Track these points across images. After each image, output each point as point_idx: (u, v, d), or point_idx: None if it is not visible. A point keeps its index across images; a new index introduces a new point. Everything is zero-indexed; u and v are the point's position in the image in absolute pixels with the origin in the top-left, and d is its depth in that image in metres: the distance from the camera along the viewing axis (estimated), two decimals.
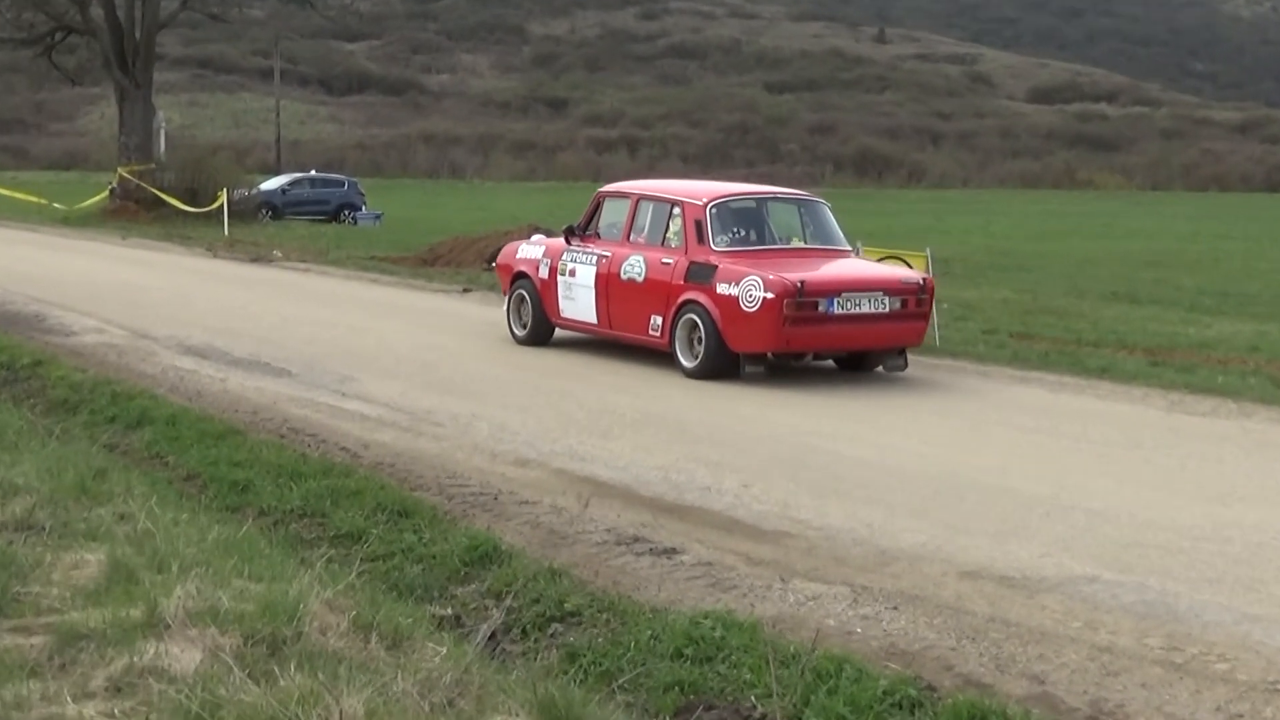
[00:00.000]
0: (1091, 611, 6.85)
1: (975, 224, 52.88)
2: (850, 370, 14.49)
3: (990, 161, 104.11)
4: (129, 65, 41.20)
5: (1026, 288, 25.08)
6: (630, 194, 15.41)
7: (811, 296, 13.46)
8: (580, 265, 15.35)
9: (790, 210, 15.35)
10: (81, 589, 5.78)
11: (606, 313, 15.05)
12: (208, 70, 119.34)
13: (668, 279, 14.28)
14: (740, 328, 13.61)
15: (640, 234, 14.92)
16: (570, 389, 12.96)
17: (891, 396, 13.00)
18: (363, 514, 8.47)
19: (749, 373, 13.66)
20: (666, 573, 7.50)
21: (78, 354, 14.86)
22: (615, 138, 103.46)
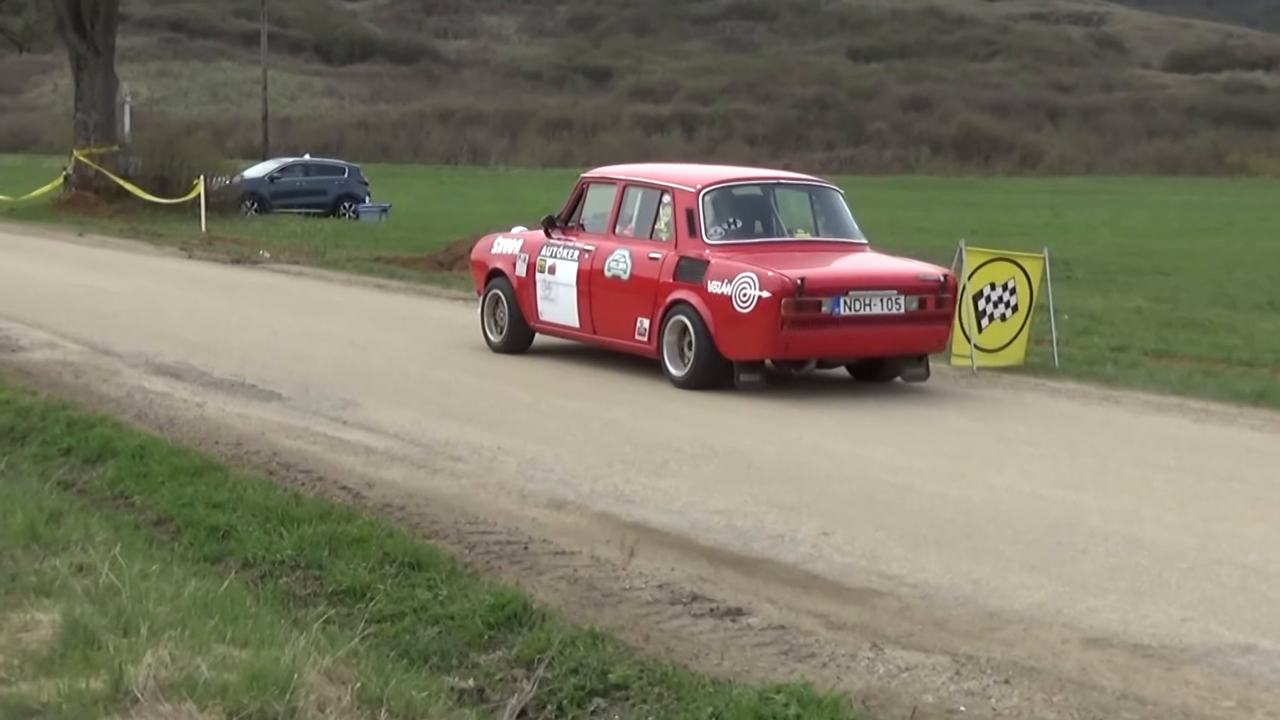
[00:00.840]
0: (1246, 688, 6.81)
1: (1102, 218, 52.73)
2: (865, 380, 14.95)
3: (1120, 143, 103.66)
4: (87, 28, 41.51)
5: (1164, 295, 24.99)
6: (616, 180, 15.94)
7: (814, 296, 13.85)
8: (561, 261, 15.86)
9: (798, 199, 15.76)
10: (32, 655, 5.82)
11: (589, 315, 15.54)
12: (181, 34, 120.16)
13: (655, 276, 14.75)
14: (734, 331, 14.02)
15: (628, 225, 15.42)
16: (615, 417, 12.99)
17: (1001, 427, 12.98)
18: (367, 566, 8.50)
19: (744, 383, 14.08)
20: (730, 638, 7.50)
21: (26, 373, 14.97)
22: (668, 115, 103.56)
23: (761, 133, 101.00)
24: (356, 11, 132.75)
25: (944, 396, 14.46)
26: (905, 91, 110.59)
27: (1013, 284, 16.21)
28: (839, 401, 13.93)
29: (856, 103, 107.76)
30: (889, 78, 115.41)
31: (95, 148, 41.16)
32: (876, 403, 13.94)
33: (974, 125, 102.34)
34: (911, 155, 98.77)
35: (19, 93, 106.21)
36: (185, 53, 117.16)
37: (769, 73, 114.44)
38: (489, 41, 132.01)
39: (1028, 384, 15.24)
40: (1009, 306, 16.15)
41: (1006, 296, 16.14)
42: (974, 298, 15.93)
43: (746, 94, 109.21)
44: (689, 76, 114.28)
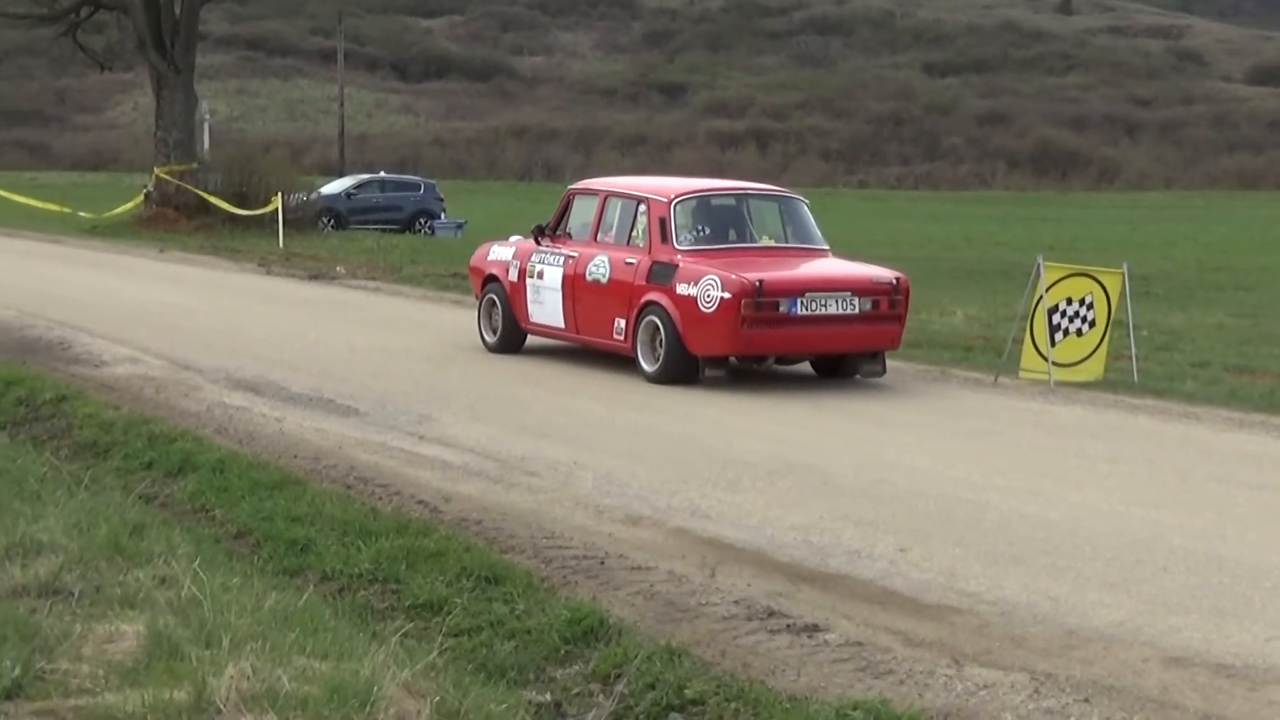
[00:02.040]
0: None
1: (1182, 233, 52.38)
2: (827, 376, 16.03)
3: (1200, 157, 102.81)
4: (167, 46, 41.82)
5: (1247, 311, 24.79)
6: (599, 191, 17.25)
7: (771, 297, 15.02)
8: (548, 267, 17.08)
9: (768, 208, 16.95)
10: (117, 666, 5.88)
11: (573, 316, 16.73)
12: (259, 52, 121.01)
13: (631, 279, 15.92)
14: (699, 330, 15.19)
15: (608, 233, 16.62)
16: (688, 431, 13.01)
17: (1080, 444, 12.91)
18: (444, 580, 8.55)
19: (709, 377, 15.32)
20: (807, 654, 7.50)
21: (109, 388, 15.13)
22: (742, 131, 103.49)
23: (836, 148, 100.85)
24: (432, 29, 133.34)
25: (1022, 413, 14.40)
26: (981, 106, 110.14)
27: (1090, 299, 16.12)
28: (917, 419, 13.90)
29: (932, 118, 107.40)
30: (965, 92, 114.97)
31: (175, 165, 41.44)
32: (955, 419, 13.91)
33: (1051, 140, 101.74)
34: (987, 170, 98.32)
35: (100, 111, 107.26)
36: (263, 71, 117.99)
37: (844, 88, 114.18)
38: (564, 58, 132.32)
39: (1107, 400, 15.15)
40: (1086, 322, 16.06)
41: (1084, 312, 16.05)
42: (1048, 312, 15.85)
43: (821, 109, 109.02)
44: (764, 92, 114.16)
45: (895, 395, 15.24)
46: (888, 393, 15.37)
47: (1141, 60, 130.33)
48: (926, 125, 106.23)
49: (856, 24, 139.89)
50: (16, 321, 19.94)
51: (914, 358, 17.69)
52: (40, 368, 16.20)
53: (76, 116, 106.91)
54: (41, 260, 31.01)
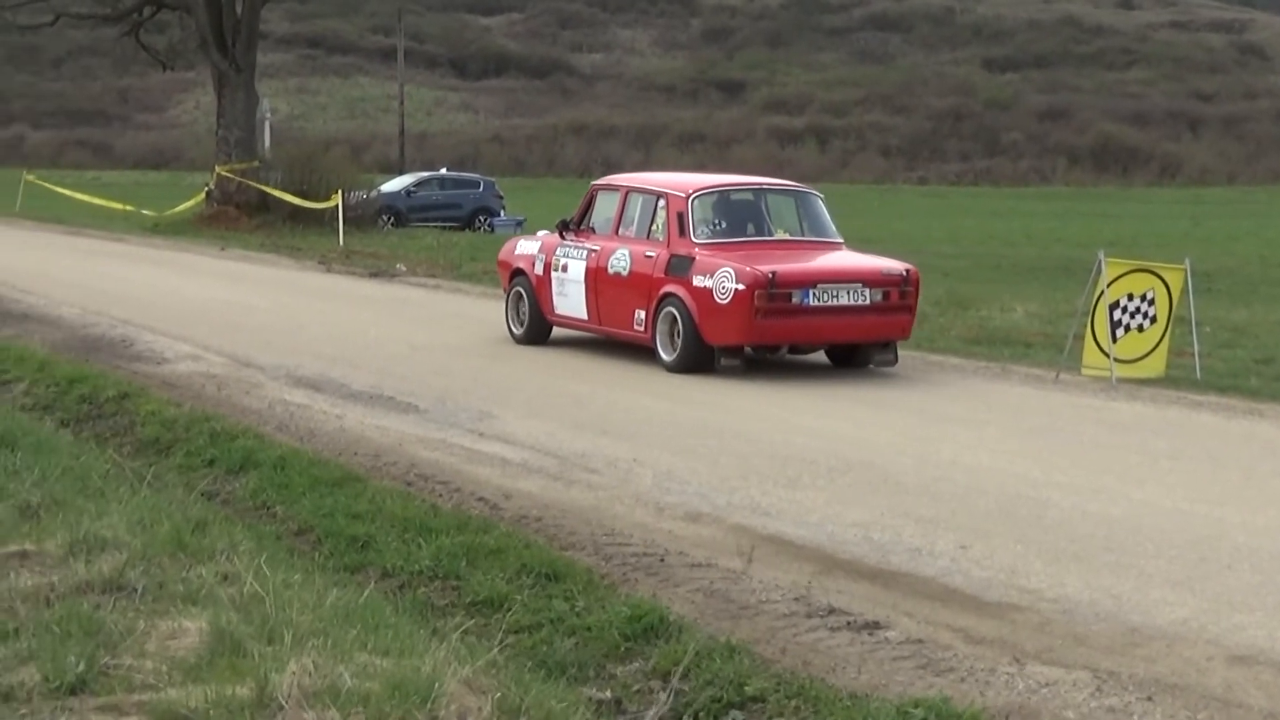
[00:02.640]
0: None
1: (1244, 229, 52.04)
2: (840, 365, 16.51)
3: (1263, 152, 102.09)
4: (228, 46, 42.06)
5: None
6: (620, 186, 17.92)
7: (784, 288, 15.50)
8: (572, 260, 17.65)
9: (784, 202, 17.49)
10: (180, 662, 5.91)
11: (596, 308, 17.32)
12: (319, 51, 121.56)
13: (650, 272, 16.47)
14: (715, 320, 15.70)
15: (629, 227, 17.19)
16: (748, 428, 12.99)
17: (1142, 441, 12.85)
18: (504, 577, 8.57)
19: (724, 366, 15.79)
20: (868, 651, 7.48)
21: (171, 385, 15.22)
22: (802, 127, 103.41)
23: (896, 144, 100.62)
24: (491, 27, 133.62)
25: (1084, 410, 14.33)
26: (1042, 102, 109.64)
27: (1152, 295, 16.03)
28: (978, 416, 13.86)
29: (992, 113, 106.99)
30: (1025, 88, 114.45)
31: (236, 164, 41.66)
32: (1015, 416, 13.86)
33: (1112, 135, 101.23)
34: (1048, 166, 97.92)
35: (162, 110, 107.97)
36: (324, 69, 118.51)
37: (903, 84, 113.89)
38: (623, 55, 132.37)
39: (1169, 397, 15.07)
40: (1147, 318, 15.98)
41: (1145, 307, 15.97)
42: (1110, 308, 15.77)
43: (881, 106, 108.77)
44: (823, 89, 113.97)
45: (956, 392, 15.20)
46: (948, 389, 15.32)
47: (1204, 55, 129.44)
48: (986, 121, 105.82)
49: (916, 20, 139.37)
50: (80, 319, 20.08)
51: (974, 354, 17.65)
52: (103, 365, 16.32)
53: (139, 116, 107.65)
54: (104, 258, 31.23)
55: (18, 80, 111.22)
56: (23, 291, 23.22)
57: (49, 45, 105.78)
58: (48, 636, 6.13)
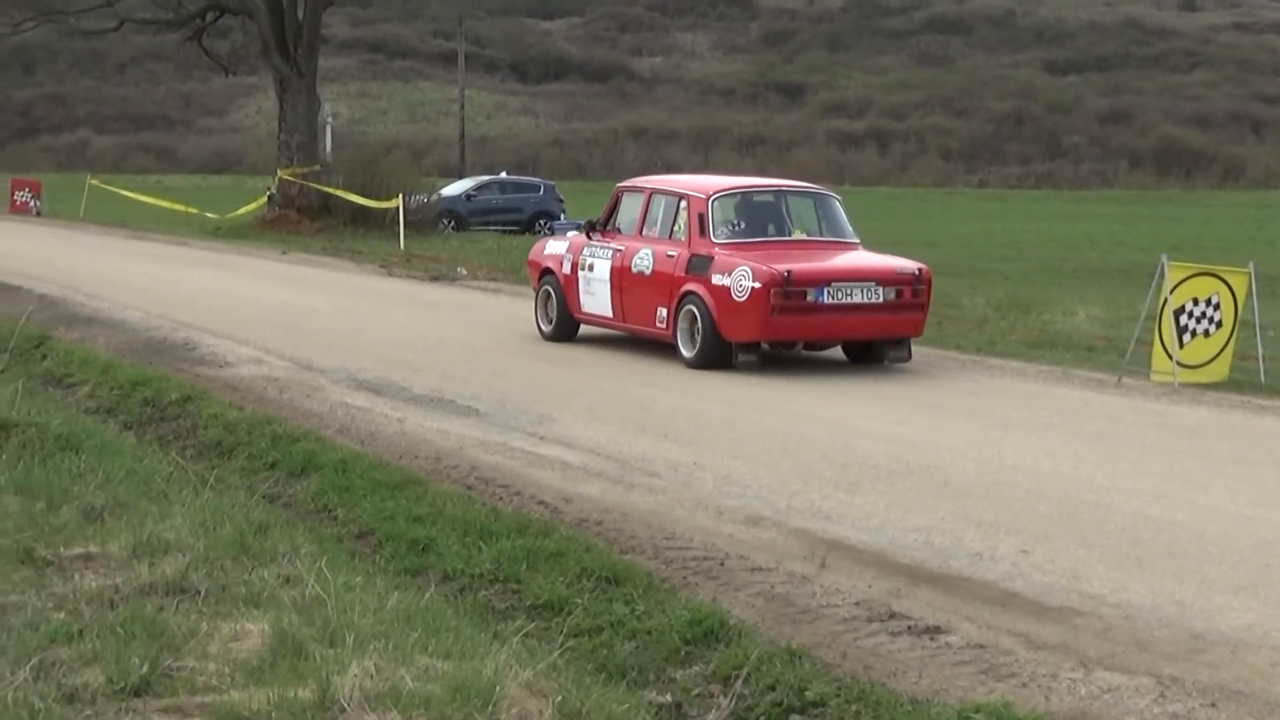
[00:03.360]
0: None
1: None
2: (857, 361, 16.96)
3: None
4: (290, 50, 42.27)
5: None
6: (644, 188, 18.39)
7: (799, 286, 16.00)
8: (598, 260, 18.18)
9: (803, 204, 17.99)
10: (243, 664, 5.94)
11: (620, 306, 17.83)
12: (380, 55, 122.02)
13: (672, 271, 16.98)
14: (732, 317, 16.21)
15: (652, 228, 17.71)
16: (809, 433, 12.97)
17: (1206, 445, 12.77)
18: (565, 580, 8.59)
19: (742, 362, 16.27)
20: (929, 656, 7.46)
21: (233, 388, 15.30)
22: (861, 131, 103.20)
23: (956, 148, 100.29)
24: (552, 31, 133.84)
25: (1146, 414, 14.26)
26: (1103, 104, 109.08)
27: (1216, 299, 15.94)
28: (1039, 420, 13.80)
29: (1053, 116, 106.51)
30: (1087, 91, 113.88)
31: (298, 167, 41.87)
32: (1077, 420, 13.79)
33: (1174, 138, 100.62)
34: (1110, 169, 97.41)
35: (224, 115, 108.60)
36: (384, 73, 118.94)
37: (964, 87, 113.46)
38: (682, 59, 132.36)
39: (1232, 401, 14.96)
40: (1213, 322, 15.89)
41: (1210, 312, 15.87)
42: (1175, 313, 15.69)
43: (941, 109, 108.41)
44: (883, 92, 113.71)
45: (1017, 396, 15.14)
46: (1009, 394, 15.27)
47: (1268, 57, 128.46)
48: (1047, 124, 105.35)
49: (977, 22, 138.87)
50: (143, 322, 20.21)
51: (1035, 358, 17.58)
52: (166, 368, 16.42)
53: (201, 120, 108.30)
54: (167, 262, 31.41)
55: (82, 85, 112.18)
56: (88, 295, 23.38)
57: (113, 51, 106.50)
58: (112, 638, 6.17)
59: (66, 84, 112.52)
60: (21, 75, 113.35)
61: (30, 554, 7.49)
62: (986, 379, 16.22)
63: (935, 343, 18.70)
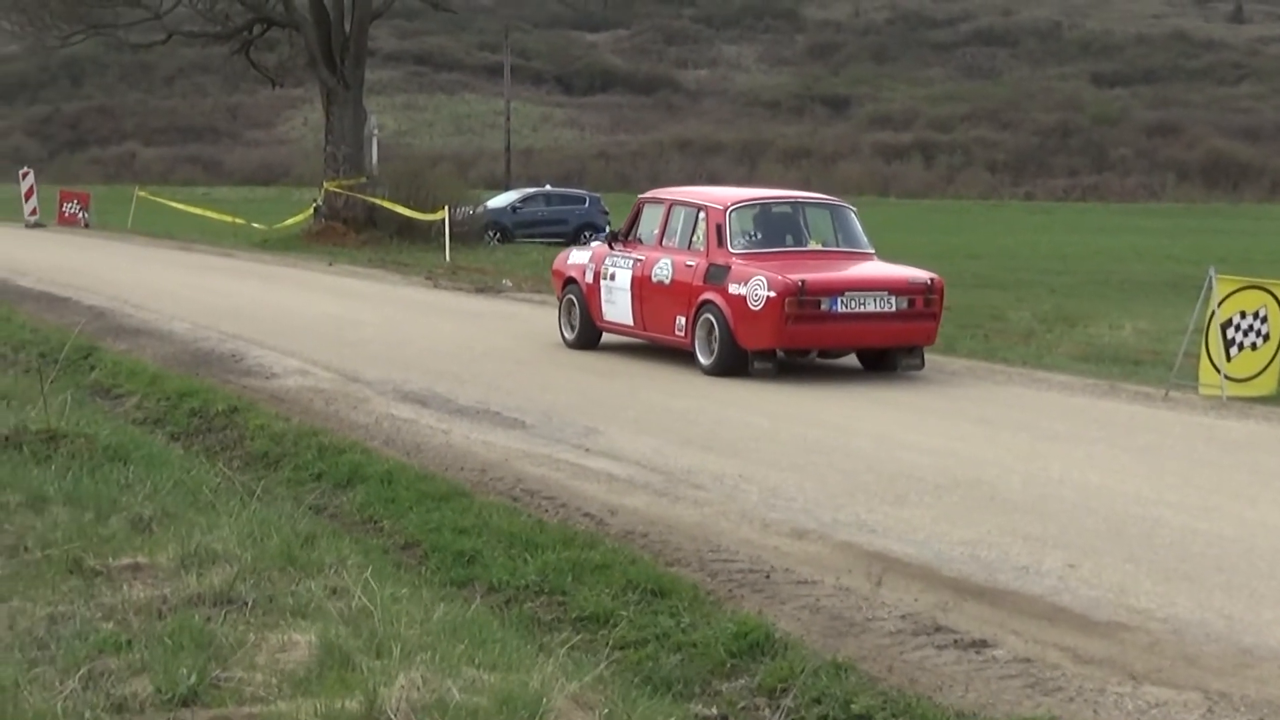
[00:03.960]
0: None
1: None
2: (872, 369, 17.29)
3: None
4: (337, 63, 42.45)
5: None
6: (664, 200, 18.80)
7: (814, 295, 16.36)
8: (619, 269, 18.57)
9: (820, 215, 18.29)
10: (290, 675, 5.97)
11: (641, 315, 18.21)
12: (426, 67, 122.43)
13: (690, 280, 17.37)
14: (748, 326, 16.57)
15: (672, 238, 18.08)
16: (855, 445, 12.95)
17: (1254, 460, 12.71)
18: (610, 593, 8.59)
19: (758, 369, 16.56)
20: (975, 670, 7.44)
21: (279, 399, 15.35)
22: (907, 143, 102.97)
23: (1002, 160, 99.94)
24: (598, 43, 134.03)
25: (1194, 428, 14.19)
26: (1151, 117, 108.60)
27: (1264, 312, 15.86)
28: (1086, 433, 13.75)
29: (1100, 129, 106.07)
30: (1134, 103, 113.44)
31: (344, 179, 42.01)
32: (1124, 434, 13.74)
33: (1222, 151, 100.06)
34: (1157, 182, 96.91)
35: (271, 127, 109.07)
36: (430, 86, 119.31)
37: (1010, 99, 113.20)
38: (728, 71, 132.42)
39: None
40: (1260, 335, 15.81)
41: (1257, 325, 15.80)
42: (1222, 326, 15.62)
43: (987, 121, 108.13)
44: (929, 104, 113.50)
45: (1063, 409, 15.09)
46: (1056, 407, 15.22)
47: None
48: (1094, 136, 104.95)
49: (1023, 35, 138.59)
50: (190, 334, 20.30)
51: (1082, 371, 17.53)
52: (213, 379, 16.48)
53: (248, 132, 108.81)
54: (214, 274, 31.55)
55: (130, 98, 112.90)
56: (135, 306, 23.51)
57: (161, 63, 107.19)
58: (160, 648, 6.20)
59: (115, 96, 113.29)
60: (70, 88, 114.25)
61: (79, 564, 7.54)
62: (1033, 392, 16.17)
63: (981, 355, 18.68)
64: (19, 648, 6.29)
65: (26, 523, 8.33)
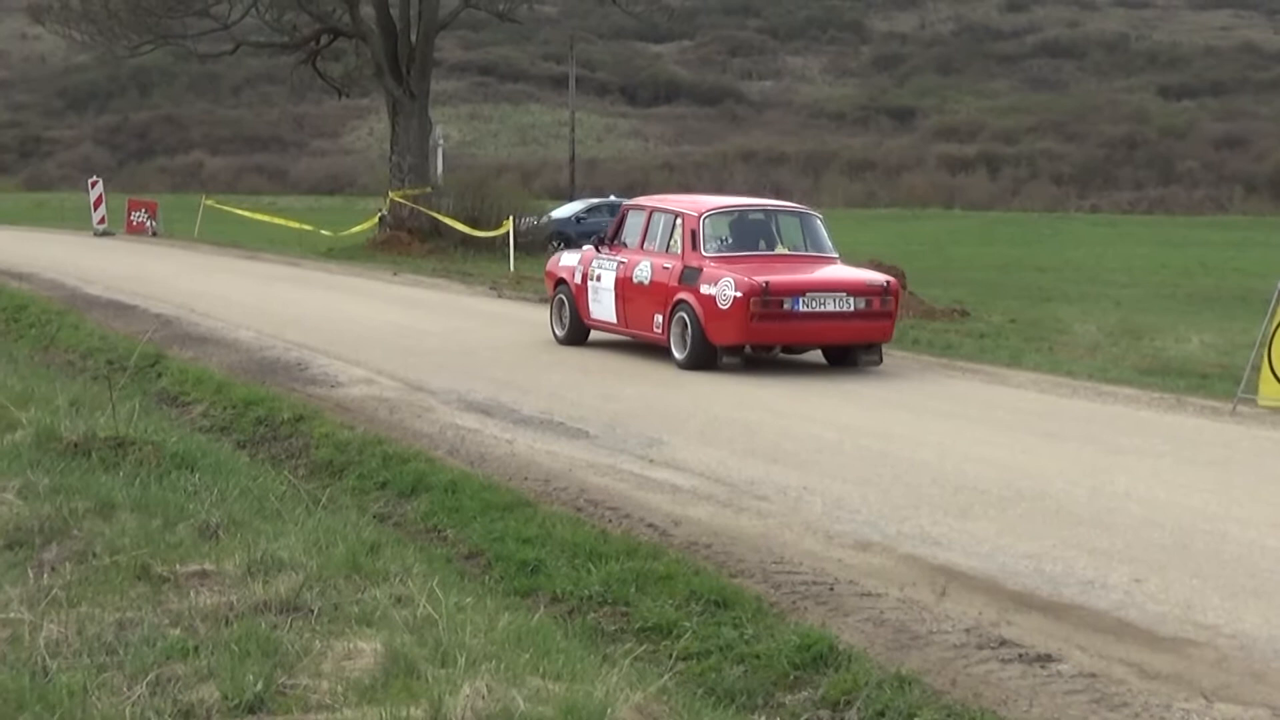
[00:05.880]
0: None
1: None
2: (835, 365, 18.50)
3: None
4: (403, 74, 42.65)
5: None
6: (646, 207, 20.23)
7: (777, 295, 17.63)
8: (605, 271, 19.88)
9: (789, 222, 19.68)
10: (355, 683, 5.99)
11: (623, 313, 19.55)
12: (491, 78, 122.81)
13: (667, 281, 18.68)
14: (717, 323, 17.87)
15: (652, 242, 19.38)
16: (919, 457, 12.91)
17: None
18: (673, 603, 8.60)
19: (726, 363, 18.07)
20: (1040, 684, 7.41)
21: (344, 408, 15.42)
22: (973, 155, 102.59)
23: (1068, 172, 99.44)
24: (662, 54, 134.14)
25: (1263, 442, 14.09)
26: (1218, 129, 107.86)
27: None
28: (1152, 447, 13.67)
29: (1167, 141, 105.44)
30: (1201, 115, 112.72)
31: (409, 189, 42.18)
32: (1191, 448, 13.65)
33: None
34: (1224, 195, 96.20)
35: (337, 137, 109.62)
36: (495, 96, 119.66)
37: (1076, 111, 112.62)
38: (792, 82, 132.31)
39: None
40: None
41: None
42: None
43: (1053, 133, 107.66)
44: (994, 116, 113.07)
45: (1129, 423, 15.00)
46: (1122, 420, 15.13)
47: None
48: (1161, 149, 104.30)
49: (1090, 46, 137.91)
50: (256, 342, 20.41)
51: (1148, 385, 17.42)
52: (279, 388, 16.58)
53: (314, 142, 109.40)
54: (280, 283, 31.69)
55: (198, 107, 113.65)
56: (202, 315, 23.66)
57: (228, 73, 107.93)
58: (226, 655, 6.24)
59: (182, 106, 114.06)
60: (139, 98, 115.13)
61: (147, 571, 7.59)
62: (1098, 406, 16.08)
63: (1046, 369, 18.60)
64: (88, 653, 6.33)
65: (95, 529, 8.39)
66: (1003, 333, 22.91)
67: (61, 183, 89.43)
